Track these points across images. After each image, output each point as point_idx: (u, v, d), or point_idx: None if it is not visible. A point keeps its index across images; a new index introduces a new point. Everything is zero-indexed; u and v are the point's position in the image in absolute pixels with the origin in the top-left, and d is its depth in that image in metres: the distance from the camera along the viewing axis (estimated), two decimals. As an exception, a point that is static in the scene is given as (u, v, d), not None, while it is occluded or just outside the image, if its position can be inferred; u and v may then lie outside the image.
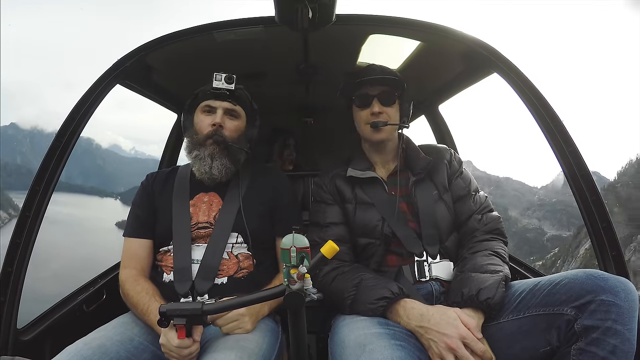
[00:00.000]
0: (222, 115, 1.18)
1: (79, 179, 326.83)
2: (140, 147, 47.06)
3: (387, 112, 1.14)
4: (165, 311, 0.81)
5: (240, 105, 1.21)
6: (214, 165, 1.16)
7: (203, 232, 1.16)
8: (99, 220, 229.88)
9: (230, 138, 1.18)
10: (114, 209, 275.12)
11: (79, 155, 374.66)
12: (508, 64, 1.23)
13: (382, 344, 0.82)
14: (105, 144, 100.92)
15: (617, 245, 1.07)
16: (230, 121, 1.19)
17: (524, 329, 0.86)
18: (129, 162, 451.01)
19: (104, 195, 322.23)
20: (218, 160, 1.16)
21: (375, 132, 1.14)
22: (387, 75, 1.15)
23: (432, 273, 1.09)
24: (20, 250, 1.09)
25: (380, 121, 1.13)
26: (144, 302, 1.02)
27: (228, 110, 1.19)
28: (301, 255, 0.75)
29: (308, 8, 1.01)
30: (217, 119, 1.17)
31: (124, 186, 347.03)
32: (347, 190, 1.19)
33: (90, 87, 1.23)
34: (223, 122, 1.17)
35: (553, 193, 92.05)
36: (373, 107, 1.13)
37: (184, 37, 1.25)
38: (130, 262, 1.16)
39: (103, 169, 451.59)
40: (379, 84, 1.14)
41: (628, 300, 0.76)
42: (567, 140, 1.16)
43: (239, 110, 1.21)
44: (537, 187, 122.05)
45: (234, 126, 1.19)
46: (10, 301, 1.06)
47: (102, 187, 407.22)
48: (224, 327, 0.97)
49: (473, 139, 39.27)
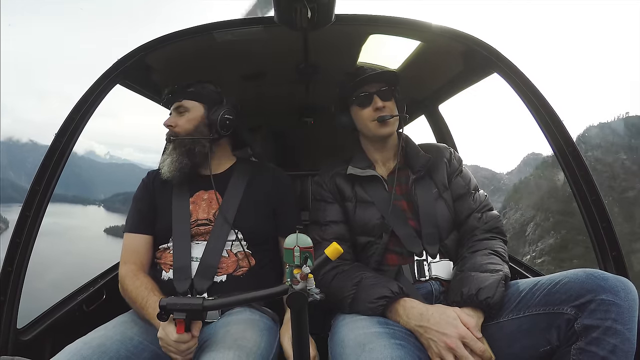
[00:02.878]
0: (174, 115, 1.22)
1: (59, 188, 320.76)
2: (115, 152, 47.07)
3: (388, 106, 1.15)
4: (165, 305, 0.81)
5: (187, 98, 1.22)
6: (166, 163, 1.19)
7: (203, 229, 1.16)
8: (85, 228, 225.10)
9: (183, 132, 1.20)
10: (98, 216, 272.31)
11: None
12: (508, 64, 1.23)
13: (382, 343, 0.82)
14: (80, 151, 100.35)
15: (617, 245, 1.07)
16: (179, 118, 1.22)
17: (524, 328, 0.86)
18: (105, 167, 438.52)
19: (87, 204, 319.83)
20: (170, 157, 1.20)
21: (382, 127, 1.15)
22: (383, 71, 1.17)
23: (432, 272, 1.08)
24: (20, 250, 1.09)
25: (386, 115, 1.14)
26: (143, 296, 1.03)
27: (176, 108, 1.23)
28: (305, 255, 0.75)
29: (307, 8, 1.01)
30: (166, 121, 1.22)
31: (105, 193, 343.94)
32: (347, 189, 1.19)
33: (90, 87, 1.23)
34: (174, 122, 1.21)
35: (516, 178, 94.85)
36: (376, 103, 1.14)
37: (184, 37, 1.26)
38: (130, 258, 1.16)
39: (81, 176, 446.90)
40: (375, 81, 1.15)
41: (628, 299, 0.77)
42: (567, 140, 1.16)
43: (187, 103, 1.22)
44: (503, 173, 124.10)
45: (182, 121, 1.21)
46: (10, 301, 1.06)
47: (83, 195, 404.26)
48: None
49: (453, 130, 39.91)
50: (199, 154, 1.21)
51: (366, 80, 1.14)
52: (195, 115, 1.22)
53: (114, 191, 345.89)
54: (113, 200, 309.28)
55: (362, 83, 1.15)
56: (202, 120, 1.22)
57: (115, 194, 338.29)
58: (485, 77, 1.53)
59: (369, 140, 1.23)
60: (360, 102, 1.17)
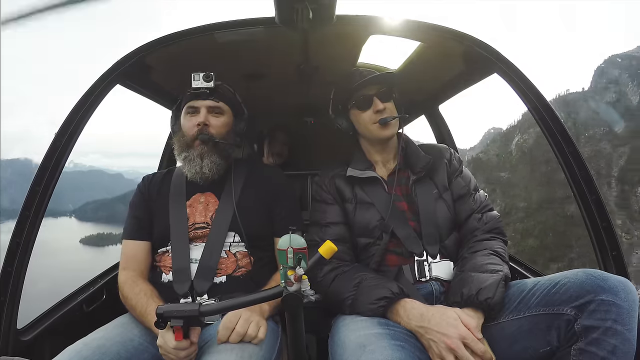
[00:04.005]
0: (206, 113, 1.18)
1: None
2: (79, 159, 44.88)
3: (388, 107, 1.15)
4: (162, 312, 0.80)
5: (223, 101, 1.20)
6: (204, 164, 1.16)
7: (200, 232, 1.16)
8: (58, 240, 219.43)
9: (217, 135, 1.18)
10: (71, 227, 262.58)
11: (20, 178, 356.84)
12: (508, 64, 1.23)
13: (382, 344, 0.82)
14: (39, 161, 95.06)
15: (617, 245, 1.08)
16: (214, 118, 1.19)
17: (524, 329, 0.86)
18: (70, 176, 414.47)
19: (57, 215, 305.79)
20: (207, 159, 1.16)
21: (384, 129, 1.15)
22: (381, 73, 1.16)
23: (432, 273, 1.08)
24: (20, 250, 1.09)
25: (388, 117, 1.14)
26: (142, 304, 1.02)
27: (211, 108, 1.18)
28: (298, 256, 0.74)
29: (308, 9, 1.01)
30: (200, 118, 1.16)
31: (73, 203, 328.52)
32: (347, 190, 1.19)
33: (90, 88, 1.23)
34: (208, 121, 1.17)
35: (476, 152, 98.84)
36: (376, 105, 1.14)
37: (184, 37, 1.25)
38: (129, 264, 1.16)
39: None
40: (374, 84, 1.15)
41: (628, 300, 0.76)
42: (567, 140, 1.16)
43: (222, 106, 1.20)
44: (467, 149, 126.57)
45: (219, 123, 1.19)
46: (10, 301, 1.06)
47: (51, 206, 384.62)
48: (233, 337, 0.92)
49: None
50: (230, 158, 1.22)
51: (365, 83, 1.14)
52: (228, 120, 1.22)
53: (83, 200, 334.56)
54: (84, 209, 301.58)
55: (361, 86, 1.14)
56: (232, 128, 1.23)
57: (86, 203, 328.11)
58: (485, 77, 1.53)
59: (370, 142, 1.23)
60: (360, 105, 1.16)
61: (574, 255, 55.02)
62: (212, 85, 1.16)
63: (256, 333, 0.93)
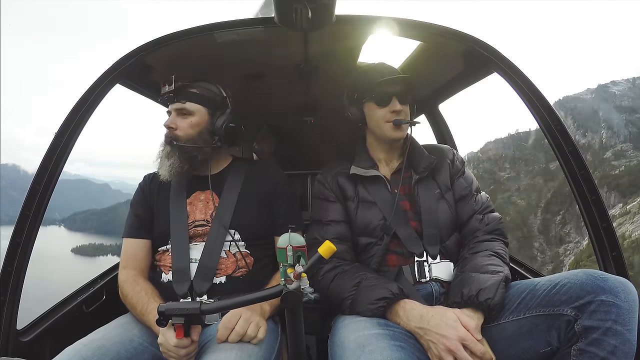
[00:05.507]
0: (175, 116, 1.19)
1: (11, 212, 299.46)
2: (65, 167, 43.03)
3: (404, 110, 1.15)
4: (163, 310, 0.81)
5: (191, 101, 1.18)
6: (165, 164, 1.17)
7: (200, 230, 1.16)
8: (51, 250, 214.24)
9: (184, 136, 1.17)
10: (61, 236, 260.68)
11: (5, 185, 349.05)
12: (508, 64, 1.23)
13: (382, 344, 0.82)
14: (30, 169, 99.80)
15: (617, 245, 1.07)
16: (181, 120, 1.18)
17: (524, 329, 0.86)
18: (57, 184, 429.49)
19: (47, 224, 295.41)
20: (169, 160, 1.17)
21: (396, 130, 1.15)
22: (406, 75, 1.17)
23: (433, 274, 1.08)
24: (20, 250, 1.09)
25: (403, 119, 1.14)
26: (143, 303, 1.03)
27: (178, 110, 1.19)
28: (298, 254, 0.75)
29: (308, 9, 1.00)
30: (167, 122, 1.19)
31: (60, 212, 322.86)
32: (350, 188, 1.19)
33: (90, 87, 1.23)
34: (175, 123, 1.18)
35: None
36: (394, 105, 1.13)
37: (184, 37, 1.25)
38: (129, 263, 1.16)
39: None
40: (397, 83, 1.15)
41: (628, 300, 0.76)
42: (567, 140, 1.16)
43: (190, 106, 1.18)
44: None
45: (185, 124, 1.18)
46: (10, 301, 1.06)
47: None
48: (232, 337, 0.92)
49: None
50: (201, 161, 1.20)
51: (389, 81, 1.13)
52: (199, 120, 1.19)
53: (71, 209, 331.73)
54: (73, 219, 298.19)
55: (385, 82, 1.13)
56: (205, 127, 1.19)
57: (74, 213, 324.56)
58: (485, 77, 1.53)
59: (377, 139, 1.22)
60: (378, 101, 1.15)
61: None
62: (173, 87, 1.17)
63: (256, 333, 0.93)
